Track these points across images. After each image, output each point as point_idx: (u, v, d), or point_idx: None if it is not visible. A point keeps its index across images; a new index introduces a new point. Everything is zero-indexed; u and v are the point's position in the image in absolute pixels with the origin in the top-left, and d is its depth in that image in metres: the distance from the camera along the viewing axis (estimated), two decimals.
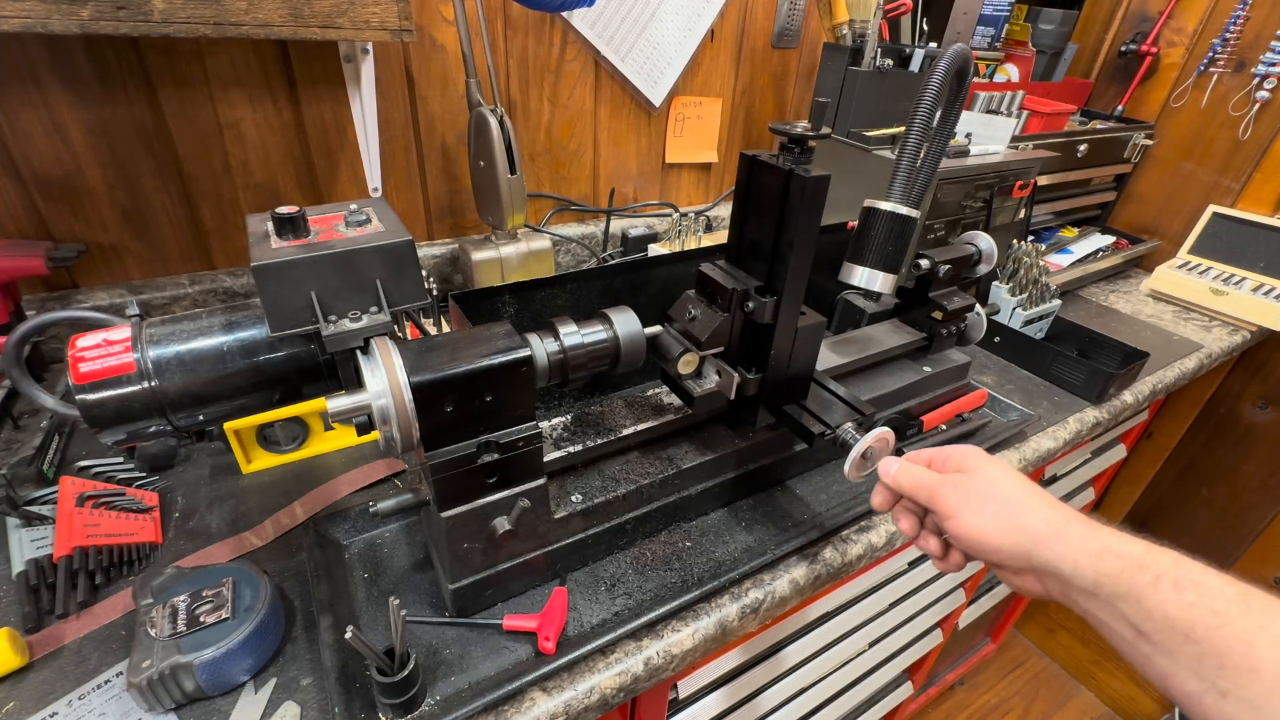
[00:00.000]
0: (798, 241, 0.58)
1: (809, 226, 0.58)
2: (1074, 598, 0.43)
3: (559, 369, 0.59)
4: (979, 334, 0.90)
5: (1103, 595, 0.41)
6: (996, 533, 0.46)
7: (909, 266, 0.87)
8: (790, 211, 0.58)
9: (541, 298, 0.78)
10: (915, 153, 0.66)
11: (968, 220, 1.12)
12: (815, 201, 0.57)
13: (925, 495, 0.51)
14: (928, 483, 0.51)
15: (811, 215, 0.57)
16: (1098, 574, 0.41)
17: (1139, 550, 0.41)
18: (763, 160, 0.60)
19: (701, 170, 1.42)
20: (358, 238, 0.52)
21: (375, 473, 0.77)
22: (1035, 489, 0.48)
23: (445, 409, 0.51)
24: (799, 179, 0.56)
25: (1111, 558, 0.41)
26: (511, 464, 0.56)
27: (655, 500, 0.68)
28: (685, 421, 0.72)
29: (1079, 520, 0.45)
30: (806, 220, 0.57)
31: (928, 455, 0.55)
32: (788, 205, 0.58)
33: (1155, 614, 0.38)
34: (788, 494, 0.78)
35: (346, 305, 0.52)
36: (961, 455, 0.52)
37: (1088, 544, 0.42)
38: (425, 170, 1.10)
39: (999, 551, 0.46)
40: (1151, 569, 0.39)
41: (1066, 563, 0.43)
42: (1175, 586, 0.38)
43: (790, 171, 0.57)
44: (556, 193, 1.26)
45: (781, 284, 0.60)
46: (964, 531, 0.48)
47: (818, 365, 0.77)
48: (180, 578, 0.58)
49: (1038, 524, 0.45)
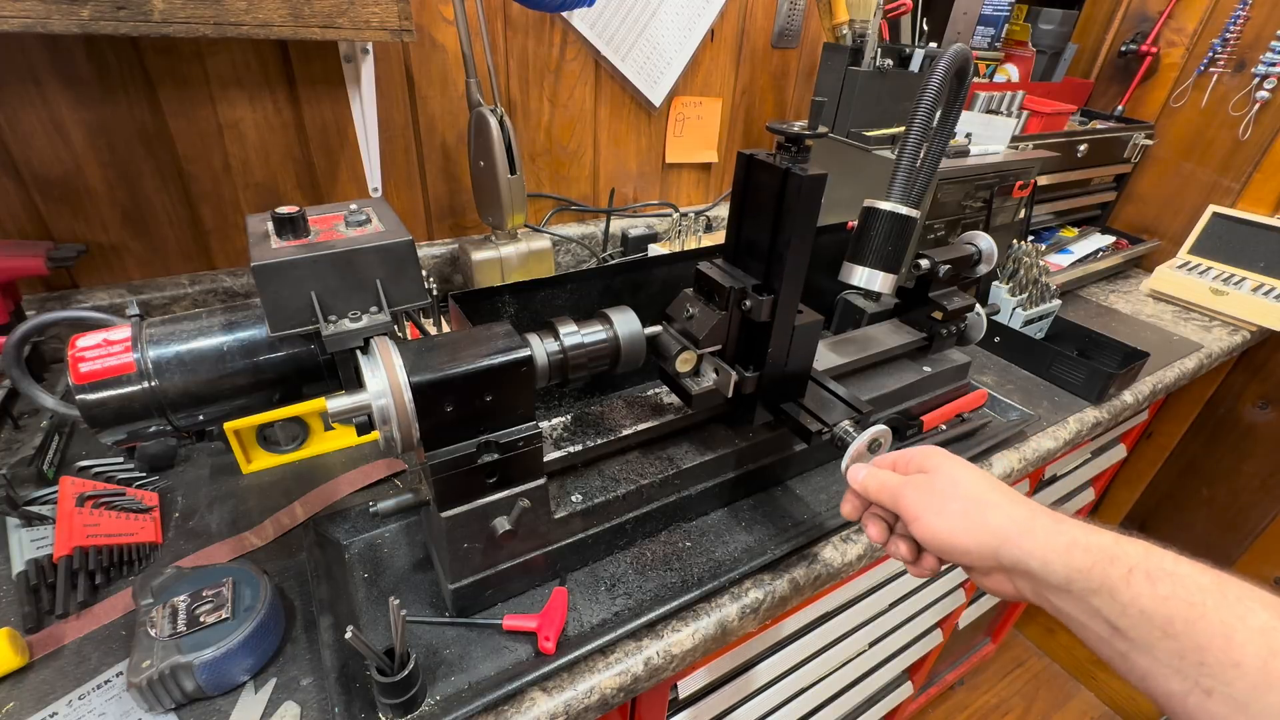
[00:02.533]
0: (794, 240, 0.58)
1: (806, 225, 0.58)
2: (1046, 596, 0.42)
3: (559, 369, 0.59)
4: (979, 334, 0.90)
5: (1075, 591, 0.40)
6: (962, 533, 0.45)
7: (909, 266, 0.87)
8: (787, 210, 0.58)
9: (541, 298, 0.78)
10: (915, 153, 0.66)
11: (968, 220, 1.12)
12: (812, 200, 0.57)
13: (889, 498, 0.50)
14: (891, 485, 0.50)
15: (808, 214, 0.57)
16: (1068, 569, 0.40)
17: (1108, 542, 0.40)
18: (760, 159, 0.60)
19: (701, 170, 1.43)
20: (358, 238, 0.52)
21: (375, 473, 0.77)
22: (999, 485, 0.46)
23: (445, 409, 0.51)
24: (796, 178, 0.56)
25: (1081, 552, 0.40)
26: (511, 464, 0.56)
27: (655, 500, 0.68)
28: (685, 421, 0.72)
29: (1045, 514, 0.43)
30: (803, 219, 0.57)
31: (892, 458, 0.54)
32: (785, 204, 0.58)
33: (1130, 609, 0.37)
34: (788, 494, 0.78)
35: (346, 305, 0.52)
36: (923, 455, 0.51)
37: (1055, 539, 0.41)
38: (425, 170, 1.10)
39: (966, 552, 0.45)
40: (1123, 561, 0.38)
41: (1035, 559, 0.41)
42: (1149, 578, 0.37)
43: (787, 170, 0.57)
44: (556, 193, 1.26)
45: (779, 282, 0.60)
46: (929, 533, 0.46)
47: (817, 365, 0.77)
48: (180, 578, 0.58)
49: (1002, 521, 0.43)
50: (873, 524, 0.54)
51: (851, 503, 0.56)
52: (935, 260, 0.84)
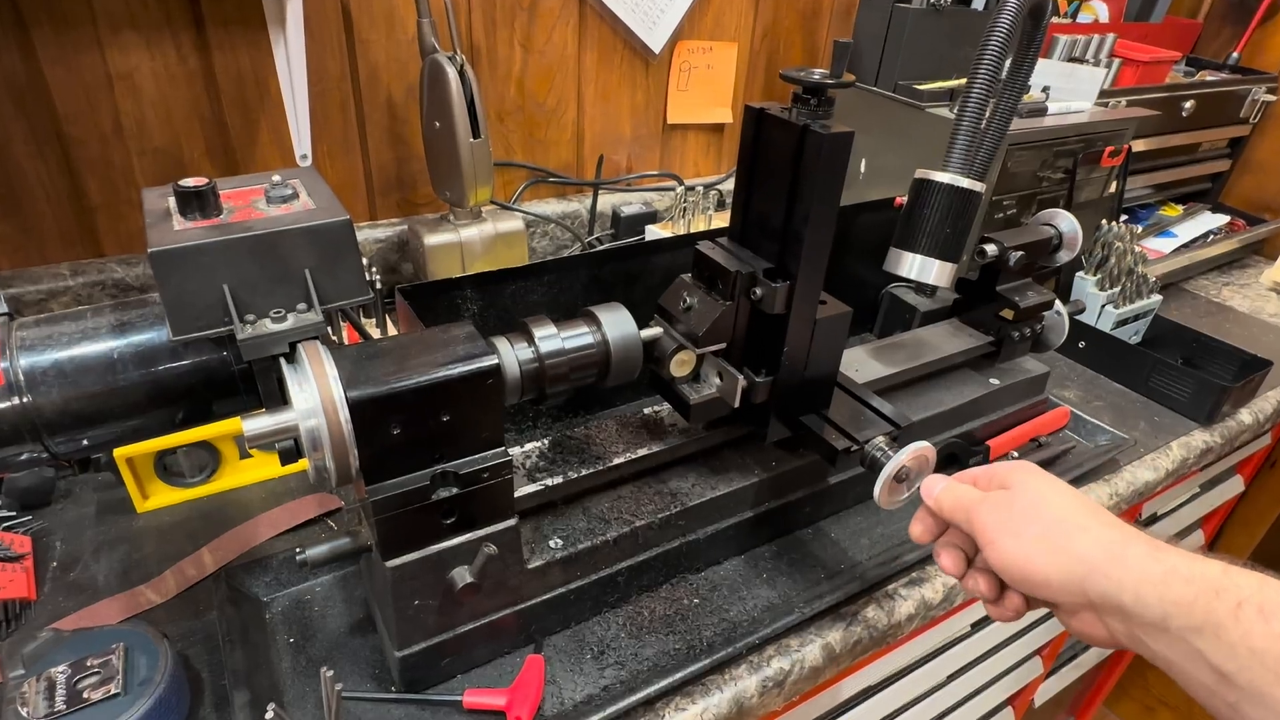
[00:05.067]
0: (815, 214, 0.58)
1: (828, 194, 0.58)
2: (1140, 637, 0.42)
3: (534, 382, 0.59)
4: (1059, 338, 0.91)
5: (1173, 629, 0.40)
6: (1042, 559, 0.46)
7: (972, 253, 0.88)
8: (805, 177, 0.58)
9: (512, 293, 0.78)
10: (979, 111, 0.66)
11: (1045, 195, 1.13)
12: (835, 163, 0.57)
13: (964, 517, 0.51)
14: (966, 502, 0.51)
15: (831, 181, 0.58)
16: (1164, 603, 0.40)
17: (1215, 572, 0.40)
18: (772, 114, 0.60)
19: (712, 133, 1.43)
20: (282, 217, 0.53)
21: (304, 511, 0.77)
22: (1091, 506, 0.48)
23: (391, 432, 0.51)
24: (816, 136, 0.57)
25: (1181, 582, 0.40)
26: (474, 500, 0.56)
27: (654, 546, 0.69)
28: (692, 446, 0.72)
29: (1140, 540, 0.44)
30: (825, 187, 0.58)
31: (974, 473, 0.55)
32: (802, 169, 0.58)
33: (1239, 649, 0.37)
34: (820, 538, 0.78)
35: (268, 302, 0.52)
36: (1008, 470, 0.52)
37: (1151, 567, 0.42)
38: (366, 133, 1.11)
39: (1047, 584, 0.46)
40: (1232, 593, 0.39)
41: (1127, 592, 0.42)
42: (1262, 613, 0.37)
43: (805, 128, 0.57)
44: (531, 161, 1.27)
45: (795, 266, 0.61)
46: (1005, 559, 0.48)
47: (857, 376, 0.78)
48: (59, 643, 0.58)
49: (1090, 546, 0.45)
50: (947, 552, 0.55)
51: (924, 523, 0.57)
52: (1004, 246, 0.84)
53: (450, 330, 0.56)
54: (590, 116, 1.29)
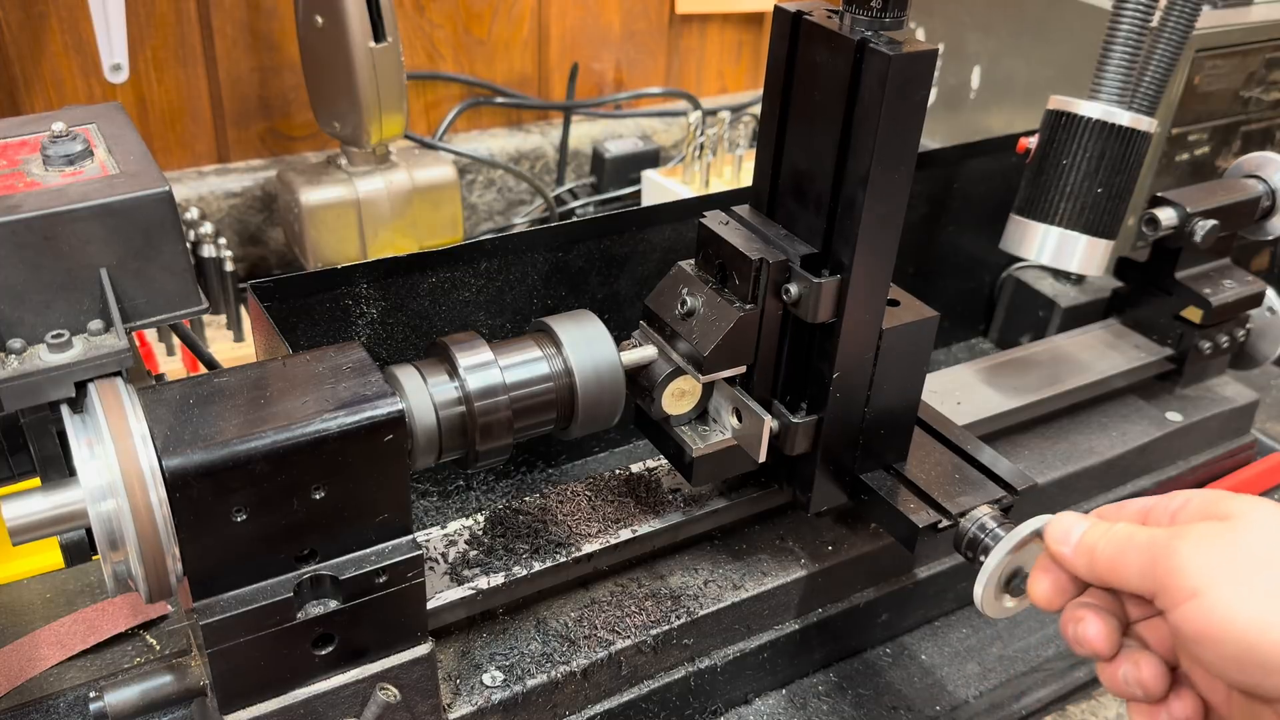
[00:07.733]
0: (877, 175, 0.58)
1: (898, 147, 0.59)
2: None
3: (457, 436, 0.59)
4: (1274, 348, 0.91)
5: None
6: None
7: (1138, 223, 0.88)
8: (864, 119, 0.58)
9: (432, 289, 0.78)
10: (1146, 6, 0.66)
11: (1252, 128, 1.12)
12: (909, 99, 0.57)
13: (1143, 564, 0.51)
14: (1148, 543, 0.51)
15: (902, 125, 0.58)
16: None
17: None
18: (813, 21, 0.60)
19: (744, 26, 1.43)
20: (65, 190, 0.52)
21: (108, 622, 0.76)
22: None
23: (233, 519, 0.51)
24: (879, 58, 0.56)
25: None
26: (363, 619, 0.56)
27: (647, 679, 0.69)
28: (704, 522, 0.72)
29: None
30: (894, 135, 0.58)
31: (1138, 506, 0.55)
32: (859, 107, 0.58)
33: None
34: (904, 662, 0.78)
35: (42, 320, 0.52)
36: (1207, 500, 0.52)
37: None
38: (213, 30, 1.10)
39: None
40: None
41: None
42: None
43: (863, 43, 0.57)
44: (467, 72, 1.27)
45: (849, 251, 0.61)
46: (1219, 621, 0.46)
47: (959, 410, 0.77)
48: None
49: None
50: (1094, 618, 0.54)
51: (1053, 578, 0.56)
52: (1188, 210, 0.83)
53: (330, 356, 0.56)
54: (558, 5, 1.29)
